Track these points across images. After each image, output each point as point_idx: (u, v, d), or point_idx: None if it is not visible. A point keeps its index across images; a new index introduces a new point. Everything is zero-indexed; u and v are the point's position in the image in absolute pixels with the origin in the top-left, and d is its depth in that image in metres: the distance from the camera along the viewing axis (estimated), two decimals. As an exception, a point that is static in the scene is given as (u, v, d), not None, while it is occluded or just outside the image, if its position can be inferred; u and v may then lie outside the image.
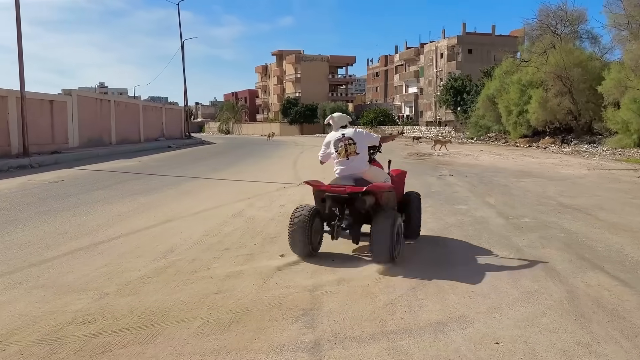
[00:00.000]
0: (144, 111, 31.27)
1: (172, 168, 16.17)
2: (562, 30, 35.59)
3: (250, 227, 6.97)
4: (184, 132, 40.42)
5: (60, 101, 21.91)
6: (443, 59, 65.22)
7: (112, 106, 26.84)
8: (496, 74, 38.92)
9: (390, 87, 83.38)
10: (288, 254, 5.50)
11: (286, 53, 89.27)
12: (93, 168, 16.29)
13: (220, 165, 17.40)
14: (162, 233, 6.65)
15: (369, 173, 5.58)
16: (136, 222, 7.36)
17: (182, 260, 5.32)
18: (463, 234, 6.47)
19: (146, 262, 5.27)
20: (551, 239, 6.21)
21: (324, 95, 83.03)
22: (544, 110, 31.86)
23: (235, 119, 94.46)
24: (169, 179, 13.19)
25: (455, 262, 5.20)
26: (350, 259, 5.33)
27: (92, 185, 11.91)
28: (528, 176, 13.32)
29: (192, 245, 5.96)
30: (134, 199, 9.55)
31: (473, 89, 47.72)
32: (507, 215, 7.70)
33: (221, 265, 5.12)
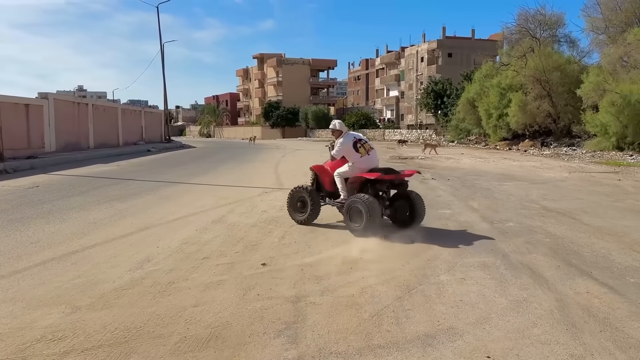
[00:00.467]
0: (122, 115, 30.73)
1: (151, 173, 15.85)
2: (541, 34, 36.00)
3: (231, 234, 6.78)
4: (164, 136, 39.89)
5: (36, 105, 21.38)
6: (423, 63, 65.65)
7: (89, 110, 26.31)
8: (476, 77, 39.23)
9: (372, 91, 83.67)
10: (270, 262, 5.34)
11: (267, 56, 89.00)
12: (70, 173, 15.88)
13: (201, 170, 17.12)
14: (140, 241, 6.42)
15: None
16: (112, 230, 7.11)
17: (159, 270, 5.11)
18: (447, 240, 6.35)
19: (121, 272, 5.05)
20: (537, 244, 6.14)
21: (305, 99, 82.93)
22: (524, 114, 32.17)
23: (216, 122, 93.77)
24: (147, 184, 12.90)
25: (441, 269, 5.08)
26: (334, 266, 5.18)
27: (68, 191, 11.57)
28: (510, 179, 13.34)
29: (170, 254, 5.74)
30: (111, 205, 9.27)
31: (453, 92, 48.07)
32: (492, 220, 7.63)
33: (200, 275, 4.92)
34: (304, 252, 5.76)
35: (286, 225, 7.32)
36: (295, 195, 7.54)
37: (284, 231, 6.91)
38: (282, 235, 6.63)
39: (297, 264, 5.30)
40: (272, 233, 6.80)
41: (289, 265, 5.25)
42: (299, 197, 7.48)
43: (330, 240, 6.33)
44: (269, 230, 6.96)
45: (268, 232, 6.89)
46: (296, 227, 7.14)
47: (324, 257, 5.53)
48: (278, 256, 5.60)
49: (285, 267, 5.18)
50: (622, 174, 14.58)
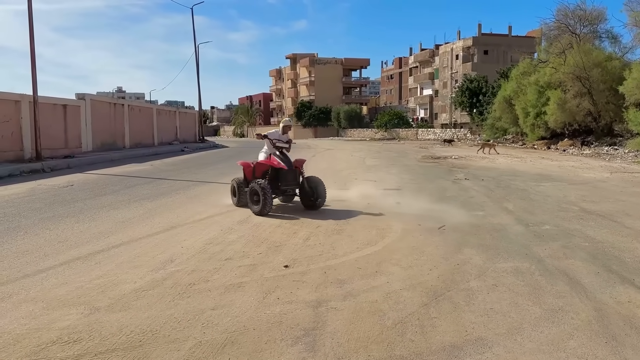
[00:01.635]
0: (157, 115, 31.26)
1: (183, 172, 16.00)
2: (581, 30, 34.77)
3: (255, 234, 6.69)
4: (198, 135, 40.41)
5: (74, 105, 21.91)
6: (458, 61, 64.50)
7: (125, 110, 26.86)
8: (513, 75, 38.19)
9: (405, 90, 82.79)
10: (292, 264, 5.21)
11: (300, 56, 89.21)
12: (104, 172, 16.19)
13: (231, 170, 17.13)
14: (165, 241, 6.40)
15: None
16: (139, 229, 7.12)
17: (181, 271, 5.04)
18: (479, 242, 6.09)
19: (143, 273, 5.01)
20: (575, 248, 5.81)
21: (337, 98, 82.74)
22: (563, 112, 31.15)
23: (249, 122, 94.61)
24: (178, 183, 13.00)
25: (471, 274, 4.84)
26: (358, 269, 5.00)
27: (101, 190, 11.75)
28: (547, 180, 12.84)
29: (193, 254, 5.69)
30: (141, 205, 9.33)
31: (489, 90, 47.00)
32: (527, 223, 7.30)
33: (221, 277, 4.83)
34: (328, 254, 5.61)
35: (312, 226, 7.18)
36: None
37: (309, 232, 6.77)
38: (307, 237, 6.50)
39: (320, 266, 5.15)
40: (297, 234, 6.68)
41: (312, 267, 5.10)
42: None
43: (356, 242, 6.16)
44: (294, 231, 6.84)
45: (293, 232, 6.77)
46: (322, 228, 7.00)
47: (348, 260, 5.36)
48: (301, 258, 5.47)
49: (307, 269, 5.04)
50: (668, 175, 13.86)
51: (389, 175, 14.69)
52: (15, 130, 17.65)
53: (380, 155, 24.98)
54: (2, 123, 17.03)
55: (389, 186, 11.83)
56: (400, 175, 14.41)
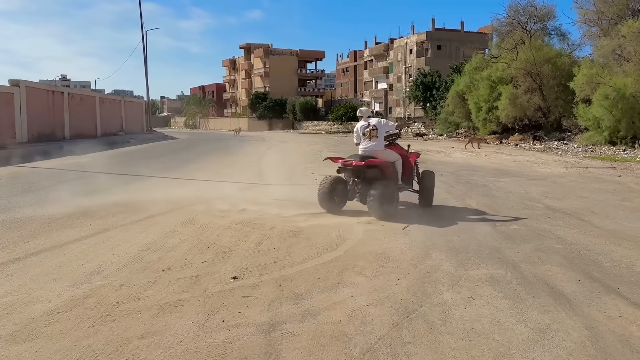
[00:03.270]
0: (101, 104, 29.52)
1: (126, 166, 14.91)
2: (532, 27, 35.42)
3: (201, 237, 5.95)
4: (146, 126, 38.69)
5: (6, 93, 20.22)
6: (412, 55, 64.91)
7: (65, 99, 25.12)
8: (466, 70, 38.54)
9: (360, 83, 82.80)
10: (242, 275, 4.52)
11: (254, 47, 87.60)
12: (38, 166, 14.91)
13: (179, 163, 16.20)
14: (94, 246, 5.57)
15: (383, 153, 7.37)
16: (67, 232, 6.23)
17: (108, 285, 4.26)
18: (447, 245, 5.60)
19: (62, 288, 4.21)
20: (548, 251, 5.40)
21: (293, 90, 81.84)
22: (514, 107, 31.64)
23: (202, 113, 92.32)
24: (119, 177, 11.99)
25: (444, 284, 4.31)
26: (318, 280, 4.38)
27: (31, 185, 10.64)
28: (506, 175, 12.65)
29: (125, 264, 4.90)
30: (73, 202, 8.35)
31: (442, 85, 47.41)
32: (493, 221, 6.89)
33: (156, 293, 4.09)
34: (284, 262, 4.95)
35: (266, 227, 6.50)
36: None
37: (262, 235, 6.09)
38: (260, 240, 5.82)
39: (274, 277, 4.49)
40: (248, 237, 5.98)
41: (265, 279, 4.44)
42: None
43: (315, 247, 5.53)
44: (245, 234, 6.14)
45: (244, 235, 6.07)
46: (276, 230, 6.33)
47: (306, 268, 4.73)
48: (252, 267, 4.79)
49: (259, 281, 4.37)
50: (620, 170, 13.97)
51: (346, 169, 14.13)
52: (-64, 118, 15.99)
53: (337, 148, 24.45)
54: None
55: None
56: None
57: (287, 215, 7.27)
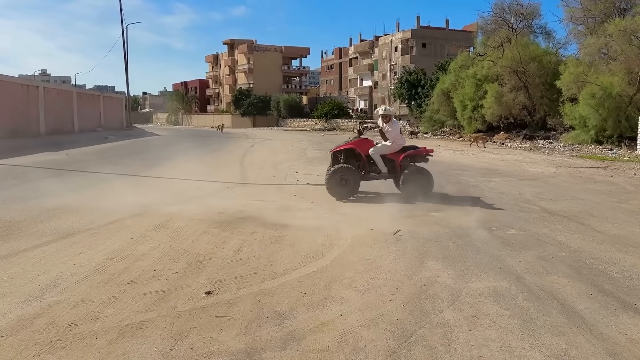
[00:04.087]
0: (78, 99, 28.57)
1: (102, 163, 14.22)
2: (517, 25, 35.33)
3: (174, 244, 5.42)
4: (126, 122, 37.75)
5: (-25, 86, 19.32)
6: (397, 53, 64.61)
7: (40, 93, 24.19)
8: (451, 67, 38.26)
9: (345, 80, 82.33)
10: (217, 289, 4.02)
11: (238, 42, 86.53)
12: (7, 162, 14.14)
13: (157, 160, 15.56)
14: (55, 254, 5.01)
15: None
16: (26, 237, 5.66)
17: (64, 302, 3.73)
18: (443, 253, 5.15)
19: (10, 305, 3.67)
20: (552, 260, 4.99)
21: (277, 87, 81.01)
22: (500, 105, 31.45)
23: (184, 109, 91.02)
24: (93, 176, 11.35)
25: (443, 300, 3.85)
26: (302, 295, 3.90)
27: (-3, 183, 9.96)
28: (496, 175, 12.28)
29: (86, 275, 4.36)
30: (39, 203, 7.76)
31: (428, 83, 47.14)
32: (490, 225, 6.46)
33: (117, 311, 3.57)
34: (264, 273, 4.46)
35: (246, 232, 6.00)
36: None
37: (241, 240, 5.58)
38: (239, 247, 5.31)
39: (253, 291, 4.00)
40: (226, 243, 5.47)
41: (243, 294, 3.94)
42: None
43: (299, 254, 5.05)
44: (222, 240, 5.63)
45: (221, 241, 5.56)
46: (257, 235, 5.83)
47: (289, 281, 4.24)
48: (229, 279, 4.28)
49: (237, 297, 3.88)
50: (611, 170, 13.72)
51: (332, 168, 13.65)
52: None
53: (322, 146, 23.95)
54: None
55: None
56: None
57: (269, 218, 6.77)
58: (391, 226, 6.29)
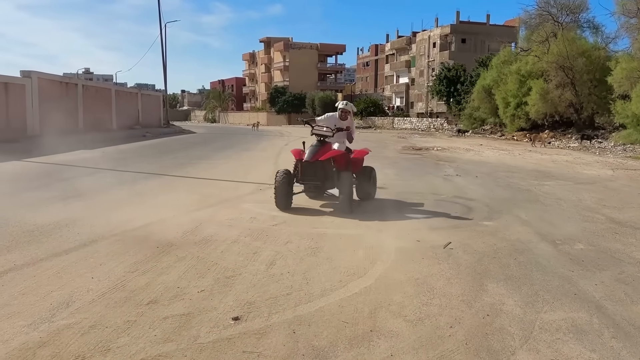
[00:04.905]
0: (116, 97, 28.80)
1: (136, 162, 14.04)
2: (563, 19, 33.74)
3: (201, 255, 4.95)
4: (163, 120, 38.02)
5: (17, 84, 19.54)
6: (435, 49, 63.15)
7: (79, 91, 24.43)
8: (493, 63, 36.96)
9: (381, 77, 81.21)
10: (246, 314, 3.51)
11: (274, 40, 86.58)
12: (45, 160, 14.13)
13: (192, 159, 15.28)
14: (74, 265, 4.61)
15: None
16: (47, 244, 5.30)
17: (74, 327, 3.29)
18: (504, 272, 4.50)
19: (15, 330, 3.25)
20: (634, 283, 4.27)
21: (312, 84, 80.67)
22: (545, 103, 30.12)
23: (221, 107, 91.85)
24: (125, 175, 11.10)
25: (513, 336, 3.22)
26: (344, 325, 3.34)
27: (30, 183, 9.84)
28: (548, 177, 11.41)
29: (103, 292, 3.92)
30: (66, 205, 7.48)
31: (467, 79, 45.81)
32: (553, 239, 5.75)
33: (131, 341, 3.10)
34: (300, 294, 3.92)
35: (279, 241, 5.48)
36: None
37: (274, 252, 5.07)
38: (272, 260, 4.79)
39: (287, 318, 3.46)
40: (257, 255, 4.97)
41: (275, 321, 3.41)
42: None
43: (338, 270, 4.49)
44: (254, 250, 5.13)
45: (253, 252, 5.06)
46: (292, 245, 5.31)
47: (328, 305, 3.69)
48: (260, 301, 3.77)
49: (268, 325, 3.35)
50: (674, 173, 12.62)
51: (370, 168, 13.04)
52: (-60, 110, 15.33)
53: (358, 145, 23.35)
54: None
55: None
56: (383, 170, 12.73)
57: (304, 225, 6.24)
58: (440, 237, 5.66)
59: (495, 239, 5.69)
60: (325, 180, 7.28)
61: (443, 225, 6.31)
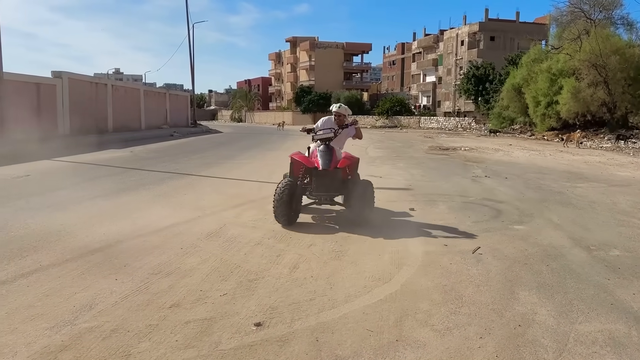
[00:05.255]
0: (145, 97, 29.25)
1: (163, 161, 14.18)
2: (596, 16, 32.81)
3: (225, 257, 4.91)
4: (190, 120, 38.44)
5: (49, 84, 20.00)
6: (464, 47, 62.27)
7: (109, 91, 24.88)
8: (523, 61, 36.20)
9: (407, 76, 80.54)
10: (269, 319, 3.44)
11: (300, 40, 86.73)
12: (74, 160, 14.38)
13: (218, 159, 15.36)
14: (98, 266, 4.62)
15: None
16: (72, 244, 5.34)
17: (96, 330, 3.27)
18: (536, 280, 4.33)
19: (38, 332, 3.24)
20: (677, 294, 4.05)
21: (338, 84, 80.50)
22: (576, 102, 29.35)
23: (247, 107, 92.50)
24: (152, 175, 11.20)
25: (547, 349, 3.07)
26: (368, 333, 3.24)
27: (59, 182, 9.97)
28: (581, 179, 11.06)
29: (126, 294, 3.91)
30: (94, 204, 7.56)
31: (496, 77, 45.04)
32: (587, 244, 5.53)
33: (152, 347, 3.06)
34: (323, 299, 3.84)
35: (303, 243, 5.41)
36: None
37: (298, 255, 4.99)
38: (295, 263, 4.72)
39: (310, 325, 3.38)
40: (281, 258, 4.90)
41: (298, 328, 3.34)
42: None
43: (362, 275, 4.39)
44: (277, 253, 5.06)
45: (276, 255, 4.99)
46: (316, 248, 5.23)
47: (352, 312, 3.59)
48: (283, 306, 3.70)
49: (290, 332, 3.27)
50: None
51: (396, 169, 12.89)
52: (-24, 110, 15.78)
53: (384, 144, 23.14)
54: (-39, 102, 15.16)
55: (396, 184, 10.05)
56: (409, 170, 12.61)
57: (328, 227, 6.16)
58: (468, 241, 5.51)
59: (527, 243, 5.50)
60: (341, 190, 6.36)
61: (471, 229, 6.14)
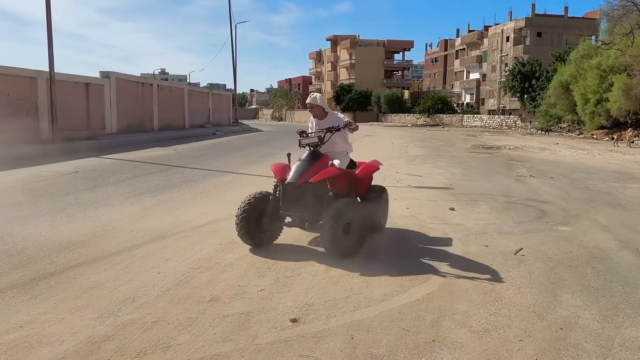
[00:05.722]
0: (189, 96, 29.95)
1: (206, 159, 14.49)
2: (649, 10, 31.31)
3: (262, 253, 4.98)
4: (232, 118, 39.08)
5: (97, 84, 20.75)
6: (509, 43, 60.68)
7: (154, 90, 25.60)
8: (572, 58, 34.94)
9: (450, 73, 79.21)
10: (304, 315, 3.47)
11: (341, 38, 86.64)
12: (120, 157, 14.87)
13: (258, 157, 15.57)
14: (141, 260, 4.78)
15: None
16: (118, 238, 5.54)
17: (138, 322, 3.38)
18: (581, 283, 4.18)
19: (83, 323, 3.38)
20: None
21: (378, 82, 79.97)
22: (628, 99, 28.13)
23: (288, 106, 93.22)
24: (195, 172, 11.47)
25: (590, 355, 2.97)
26: (404, 332, 3.21)
27: (106, 179, 10.35)
28: (631, 179, 10.60)
29: (168, 288, 4.02)
30: (139, 200, 7.81)
31: (543, 74, 43.67)
32: (636, 247, 5.30)
33: (192, 339, 3.14)
34: (359, 297, 3.84)
35: (340, 241, 5.40)
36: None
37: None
38: (331, 261, 4.72)
39: (345, 322, 3.39)
40: (318, 255, 4.92)
41: (333, 325, 3.35)
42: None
43: (400, 274, 4.35)
44: (314, 251, 5.09)
45: (313, 253, 5.02)
46: (353, 247, 5.21)
47: (387, 311, 3.58)
48: (319, 303, 3.72)
49: (326, 328, 3.29)
50: None
51: (436, 168, 12.71)
52: (30, 109, 16.53)
53: (424, 143, 22.85)
54: (17, 101, 15.92)
55: (437, 183, 9.91)
56: (449, 170, 12.40)
57: (367, 226, 6.13)
58: (510, 243, 5.38)
59: (571, 245, 5.32)
60: (317, 212, 4.84)
61: (514, 230, 5.99)
